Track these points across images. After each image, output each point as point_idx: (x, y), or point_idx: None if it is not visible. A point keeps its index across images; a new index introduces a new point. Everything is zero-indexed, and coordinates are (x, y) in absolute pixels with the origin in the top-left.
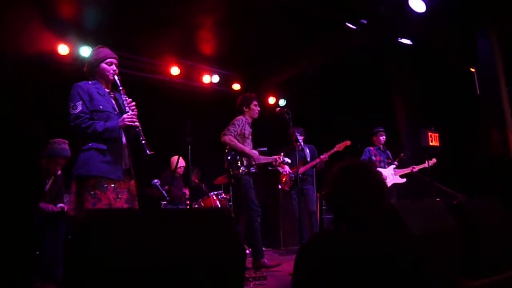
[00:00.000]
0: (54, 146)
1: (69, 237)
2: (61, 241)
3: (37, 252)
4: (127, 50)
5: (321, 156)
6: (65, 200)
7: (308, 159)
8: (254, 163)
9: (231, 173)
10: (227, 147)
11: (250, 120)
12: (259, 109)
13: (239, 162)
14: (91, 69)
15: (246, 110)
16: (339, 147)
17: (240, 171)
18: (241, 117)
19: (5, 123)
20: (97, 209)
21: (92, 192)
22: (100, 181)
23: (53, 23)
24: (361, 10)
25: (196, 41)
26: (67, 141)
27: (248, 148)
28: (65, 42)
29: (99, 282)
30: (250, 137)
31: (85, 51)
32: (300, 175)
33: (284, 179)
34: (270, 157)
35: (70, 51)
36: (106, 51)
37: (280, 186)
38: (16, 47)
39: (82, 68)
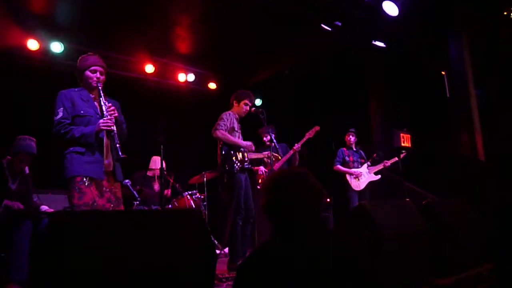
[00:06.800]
0: (18, 143)
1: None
2: (28, 241)
3: (3, 254)
4: (99, 46)
5: (294, 147)
6: (34, 200)
7: (281, 157)
8: (247, 159)
9: (226, 169)
10: (220, 143)
11: (237, 116)
12: (247, 108)
13: (233, 158)
14: (78, 76)
15: (236, 105)
16: (310, 134)
17: (236, 166)
18: (228, 111)
19: None
20: (63, 211)
21: (77, 187)
22: (83, 178)
23: (22, 18)
24: (336, 12)
25: (172, 39)
26: (34, 139)
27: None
28: (35, 37)
29: (66, 283)
30: (240, 131)
31: (56, 47)
32: None
33: (260, 180)
34: (261, 153)
35: (40, 46)
36: (92, 58)
37: (259, 187)
38: None
39: (52, 64)
